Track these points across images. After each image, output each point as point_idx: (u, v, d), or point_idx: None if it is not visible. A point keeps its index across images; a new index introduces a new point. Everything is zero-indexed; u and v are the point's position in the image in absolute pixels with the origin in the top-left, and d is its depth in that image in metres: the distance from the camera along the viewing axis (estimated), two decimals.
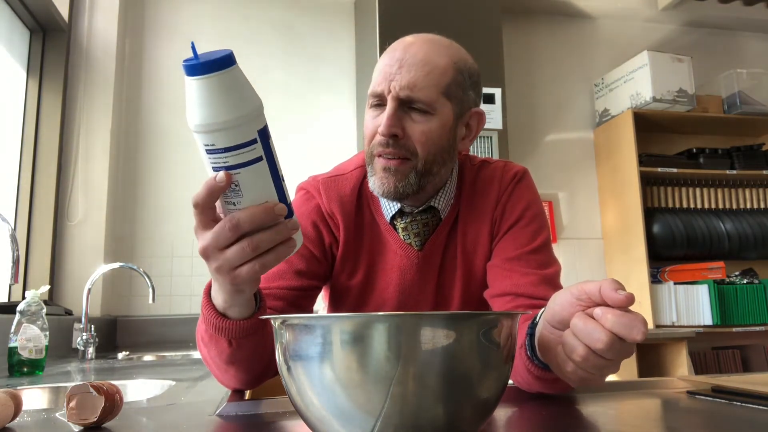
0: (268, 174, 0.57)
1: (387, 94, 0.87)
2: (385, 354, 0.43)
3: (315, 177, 1.02)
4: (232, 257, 0.59)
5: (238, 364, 0.77)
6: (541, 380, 0.71)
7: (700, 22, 3.60)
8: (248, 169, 0.56)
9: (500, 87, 2.74)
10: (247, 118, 0.55)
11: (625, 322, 0.52)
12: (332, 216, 0.97)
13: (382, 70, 0.88)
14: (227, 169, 0.56)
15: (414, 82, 0.86)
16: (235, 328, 0.70)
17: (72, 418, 0.60)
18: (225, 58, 0.54)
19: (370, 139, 0.90)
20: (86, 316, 1.94)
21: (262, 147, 0.56)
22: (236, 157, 0.55)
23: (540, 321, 0.66)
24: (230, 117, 0.54)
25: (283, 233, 0.59)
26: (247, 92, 0.56)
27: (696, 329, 2.84)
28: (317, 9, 3.10)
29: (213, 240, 0.59)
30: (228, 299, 0.68)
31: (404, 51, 0.88)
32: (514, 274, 0.91)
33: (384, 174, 0.89)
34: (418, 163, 0.89)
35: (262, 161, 0.57)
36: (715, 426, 0.58)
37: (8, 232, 1.44)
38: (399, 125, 0.87)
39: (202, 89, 0.54)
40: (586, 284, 0.57)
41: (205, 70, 0.53)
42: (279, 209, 0.58)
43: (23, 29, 2.41)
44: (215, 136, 0.55)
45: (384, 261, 0.98)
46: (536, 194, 1.01)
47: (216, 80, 0.53)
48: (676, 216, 3.14)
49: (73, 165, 2.49)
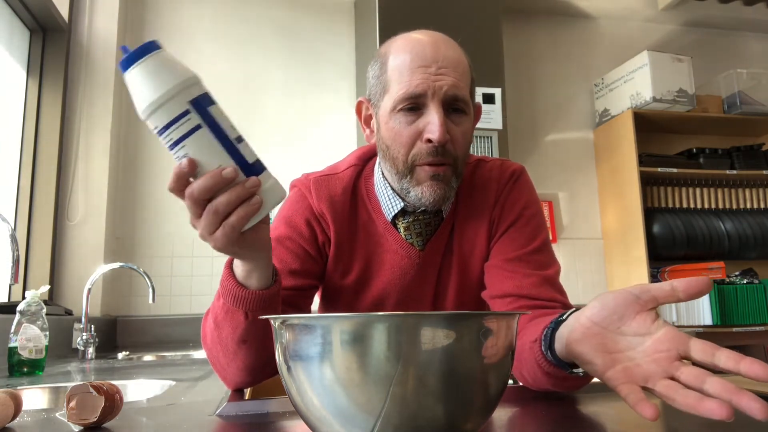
0: (213, 139, 0.60)
1: (431, 96, 0.84)
2: (385, 354, 0.43)
3: (307, 175, 1.00)
4: (204, 224, 0.63)
5: (250, 343, 0.77)
6: (551, 377, 0.70)
7: (700, 22, 3.60)
8: (190, 139, 0.59)
9: (500, 87, 2.73)
10: (173, 92, 0.58)
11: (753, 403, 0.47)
12: (323, 216, 0.96)
13: (418, 71, 0.84)
14: (174, 144, 0.59)
15: (456, 82, 0.84)
16: (253, 299, 0.73)
17: (72, 418, 0.60)
18: (145, 47, 0.58)
19: (410, 146, 0.86)
20: (86, 316, 1.94)
21: (198, 115, 0.59)
22: (176, 131, 0.59)
23: (572, 318, 0.63)
24: (157, 95, 0.57)
25: (237, 193, 0.60)
26: (170, 69, 0.59)
27: (696, 329, 2.84)
28: (317, 9, 3.10)
29: (189, 213, 0.63)
30: (245, 265, 0.71)
31: (435, 51, 0.85)
32: (516, 275, 0.91)
33: (434, 183, 0.86)
34: (458, 166, 0.88)
35: (202, 128, 0.59)
36: (715, 426, 0.58)
37: (8, 232, 1.44)
38: (447, 130, 0.84)
39: (133, 79, 0.58)
40: (648, 285, 0.56)
41: (130, 62, 0.58)
42: (227, 172, 0.59)
43: (23, 29, 2.41)
44: (154, 119, 0.59)
45: (381, 261, 0.97)
46: (534, 193, 1.00)
47: (139, 68, 0.58)
48: (676, 216, 3.14)
49: (73, 165, 2.49)
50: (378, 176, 0.97)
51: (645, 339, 0.56)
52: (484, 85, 2.71)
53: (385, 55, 0.90)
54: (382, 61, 0.90)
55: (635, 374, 0.54)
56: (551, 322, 0.69)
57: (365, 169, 1.01)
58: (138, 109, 0.59)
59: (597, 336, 0.59)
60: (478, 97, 2.68)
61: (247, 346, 0.77)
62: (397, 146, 0.87)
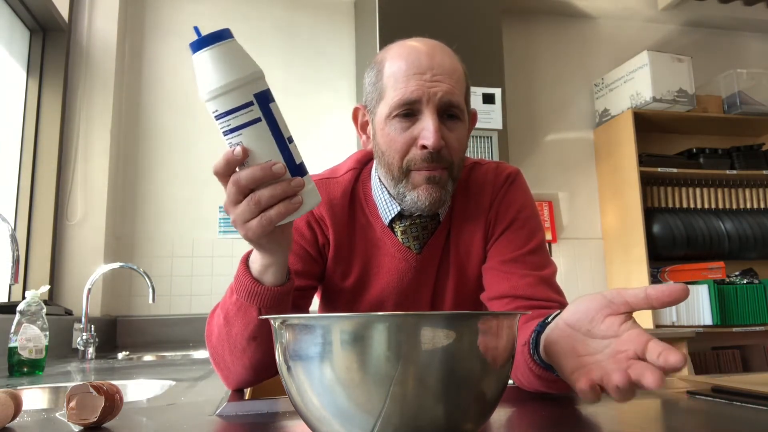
0: (269, 134, 0.62)
1: (426, 102, 0.85)
2: (385, 354, 0.43)
3: None
4: (241, 211, 0.64)
5: (260, 340, 0.78)
6: (541, 379, 0.71)
7: (700, 22, 3.60)
8: (248, 129, 0.61)
9: (500, 87, 2.73)
10: (241, 82, 0.60)
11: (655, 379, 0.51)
12: (322, 219, 0.97)
13: (413, 78, 0.85)
14: (231, 131, 0.61)
15: (452, 89, 0.86)
16: (268, 294, 0.74)
17: (72, 418, 0.60)
18: (218, 34, 0.60)
19: (404, 152, 0.87)
20: (86, 316, 1.94)
21: (260, 108, 0.61)
22: (236, 119, 0.61)
23: (554, 320, 0.65)
24: (225, 82, 0.59)
25: (283, 189, 0.63)
26: (241, 60, 0.61)
27: (696, 329, 2.83)
28: (317, 9, 3.10)
29: (227, 197, 0.65)
30: (264, 259, 0.72)
31: (431, 58, 0.86)
32: (512, 276, 0.91)
33: (430, 186, 0.87)
34: (454, 171, 0.89)
35: (261, 122, 0.61)
36: (715, 426, 0.58)
37: (8, 232, 1.44)
38: (441, 136, 0.85)
39: (202, 62, 0.60)
40: (623, 290, 0.56)
41: (203, 44, 0.60)
42: (277, 168, 0.61)
43: (23, 29, 2.41)
44: (216, 102, 0.60)
45: (379, 264, 0.98)
46: (529, 195, 1.01)
47: (211, 53, 0.60)
48: (676, 216, 3.14)
49: (73, 165, 2.49)
50: (375, 180, 0.98)
51: (612, 341, 0.57)
52: (484, 85, 2.71)
53: (381, 62, 0.91)
54: (378, 68, 0.91)
55: (593, 372, 0.56)
56: (538, 324, 0.70)
57: (363, 173, 1.02)
58: (202, 90, 0.60)
59: (569, 338, 0.60)
60: (478, 97, 2.68)
61: (256, 344, 0.78)
62: (392, 152, 0.88)
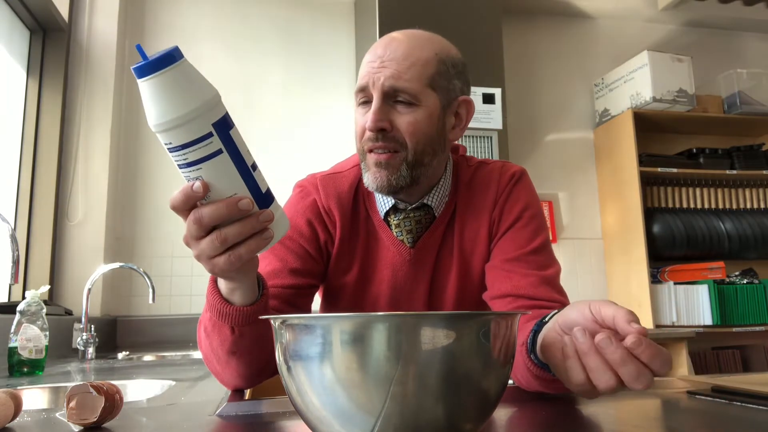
0: (231, 166, 0.57)
1: (372, 88, 0.88)
2: (385, 354, 0.43)
3: (314, 175, 1.03)
4: (205, 248, 0.60)
5: (240, 354, 0.77)
6: (540, 379, 0.71)
7: (700, 22, 3.60)
8: (208, 163, 0.56)
9: (500, 87, 2.73)
10: (197, 113, 0.54)
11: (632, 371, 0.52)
12: (329, 213, 0.98)
13: (366, 66, 0.90)
14: (188, 165, 0.56)
15: (397, 74, 0.87)
16: (238, 314, 0.72)
17: (72, 418, 0.60)
18: (166, 56, 0.53)
19: (361, 136, 0.91)
20: (86, 316, 1.94)
21: (220, 140, 0.55)
22: (194, 153, 0.55)
23: (550, 321, 0.65)
24: (179, 114, 0.53)
25: (252, 226, 0.59)
26: (196, 86, 0.54)
27: (696, 329, 2.84)
28: (317, 9, 3.10)
29: (187, 231, 0.61)
30: (229, 284, 0.70)
31: (386, 47, 0.89)
32: (514, 276, 0.91)
33: (376, 169, 0.90)
34: (408, 155, 0.89)
35: (222, 154, 0.56)
36: (715, 426, 0.58)
37: (8, 232, 1.44)
38: (386, 119, 0.88)
39: (150, 90, 0.53)
40: (604, 306, 0.57)
41: (149, 70, 0.53)
42: (243, 204, 0.57)
43: (23, 29, 2.41)
44: (170, 135, 0.54)
45: (378, 257, 0.99)
46: (534, 195, 1.01)
47: (160, 79, 0.53)
48: (676, 216, 3.14)
49: (73, 165, 2.49)
50: None
51: None
52: (484, 85, 2.71)
53: None
54: None
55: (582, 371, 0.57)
56: (535, 324, 0.70)
57: None
58: (152, 121, 0.54)
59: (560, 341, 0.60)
60: (478, 96, 2.67)
61: (237, 357, 0.78)
62: (356, 138, 0.94)
